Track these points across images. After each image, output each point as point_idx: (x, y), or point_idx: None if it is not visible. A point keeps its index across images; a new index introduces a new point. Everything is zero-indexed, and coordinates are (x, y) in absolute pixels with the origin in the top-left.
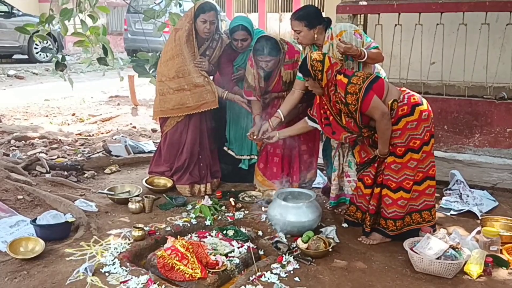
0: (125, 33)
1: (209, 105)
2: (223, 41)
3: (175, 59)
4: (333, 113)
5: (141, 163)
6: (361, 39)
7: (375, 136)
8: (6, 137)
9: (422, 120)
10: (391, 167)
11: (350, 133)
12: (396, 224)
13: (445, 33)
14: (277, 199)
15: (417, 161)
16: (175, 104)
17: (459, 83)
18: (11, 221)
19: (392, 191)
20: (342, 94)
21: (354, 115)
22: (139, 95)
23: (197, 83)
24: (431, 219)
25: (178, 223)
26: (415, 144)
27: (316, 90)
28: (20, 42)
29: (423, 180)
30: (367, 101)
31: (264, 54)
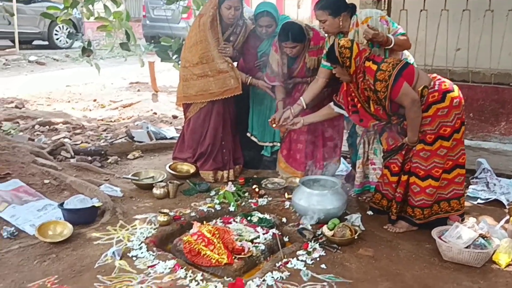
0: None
1: (232, 91)
2: (247, 26)
3: (198, 45)
4: (361, 101)
5: (164, 149)
6: (387, 25)
7: (404, 124)
8: (31, 122)
9: (453, 107)
10: (420, 155)
11: (378, 121)
12: (423, 213)
13: (471, 19)
14: (301, 186)
15: (447, 149)
16: (198, 90)
17: (484, 70)
18: (39, 204)
19: (420, 179)
20: (371, 81)
21: (383, 102)
22: (159, 81)
23: (220, 69)
24: (460, 208)
25: (202, 208)
26: (445, 132)
27: (344, 78)
28: (40, 28)
29: (453, 168)
30: (397, 88)
31: (289, 40)
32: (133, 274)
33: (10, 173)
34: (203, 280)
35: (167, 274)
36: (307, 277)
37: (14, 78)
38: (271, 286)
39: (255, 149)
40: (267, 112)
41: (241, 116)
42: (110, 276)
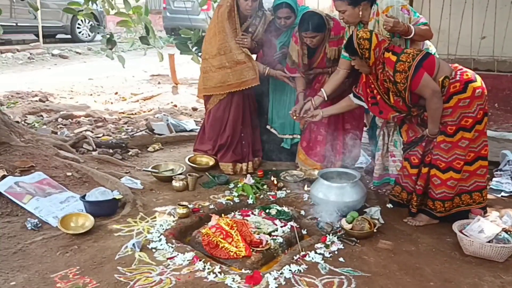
0: (164, 12)
1: (250, 83)
2: (267, 17)
3: (217, 36)
4: (380, 92)
5: (183, 142)
6: (408, 14)
7: (424, 115)
8: (54, 116)
9: (475, 97)
10: (440, 146)
11: (398, 112)
12: (444, 205)
13: (497, 6)
14: (320, 179)
15: (468, 140)
16: (217, 82)
17: (511, 59)
18: (62, 197)
19: (441, 171)
20: (390, 72)
21: (403, 94)
22: (180, 73)
23: (238, 60)
24: (482, 200)
25: (221, 201)
26: (467, 123)
27: (363, 69)
28: (63, 22)
29: (475, 160)
30: (417, 79)
31: (310, 30)
32: (152, 265)
33: (34, 166)
34: (221, 272)
35: (185, 266)
36: (324, 270)
37: (38, 72)
38: (289, 279)
39: (275, 142)
40: (287, 104)
41: (261, 108)
42: (130, 268)
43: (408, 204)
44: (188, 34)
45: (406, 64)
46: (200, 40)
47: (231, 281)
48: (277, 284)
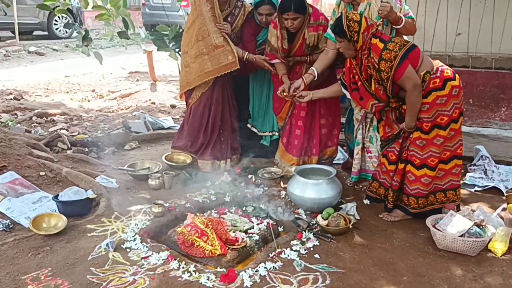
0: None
1: (229, 67)
2: (246, 8)
3: (195, 22)
4: (362, 79)
5: (161, 139)
6: (400, 4)
7: (402, 108)
8: (28, 114)
9: (453, 96)
10: (416, 143)
11: (377, 101)
12: (418, 202)
13: (472, 3)
14: (296, 176)
15: (443, 138)
16: (196, 72)
17: (485, 55)
18: (34, 197)
19: (415, 167)
20: (375, 59)
21: (385, 83)
22: (158, 70)
23: (216, 44)
24: (456, 198)
25: (197, 199)
26: (442, 121)
27: (348, 53)
28: (40, 19)
29: (451, 159)
30: (401, 70)
31: (292, 11)
32: (126, 265)
33: (6, 166)
34: (196, 271)
35: (160, 265)
36: (300, 267)
37: (14, 69)
38: (264, 276)
39: (254, 139)
40: (267, 101)
41: (239, 106)
42: (103, 268)
43: (385, 199)
44: (165, 30)
45: (392, 54)
46: (177, 35)
47: (205, 280)
48: (252, 282)
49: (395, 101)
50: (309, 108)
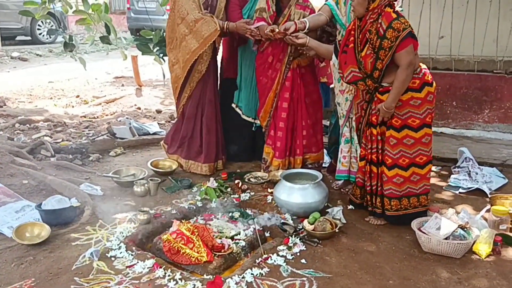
0: (128, 12)
1: (213, 35)
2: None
3: (174, 9)
4: (357, 41)
5: (146, 145)
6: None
7: (375, 95)
8: (11, 121)
9: (427, 101)
10: (389, 141)
11: (358, 70)
12: (391, 203)
13: (454, 6)
14: (282, 181)
15: (415, 140)
16: (184, 57)
17: (468, 58)
18: (17, 206)
19: (387, 167)
20: (384, 25)
21: (382, 52)
22: (143, 75)
23: (196, 18)
24: (427, 203)
25: (183, 205)
26: (414, 123)
27: (359, 9)
28: (22, 24)
29: (426, 164)
30: (405, 43)
31: None
32: (111, 275)
33: None
34: (182, 279)
35: (145, 274)
36: (286, 273)
37: None
38: (251, 283)
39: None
40: (253, 84)
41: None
42: (88, 278)
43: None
44: (150, 35)
45: (402, 26)
46: (161, 40)
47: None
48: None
49: (372, 82)
50: (290, 109)
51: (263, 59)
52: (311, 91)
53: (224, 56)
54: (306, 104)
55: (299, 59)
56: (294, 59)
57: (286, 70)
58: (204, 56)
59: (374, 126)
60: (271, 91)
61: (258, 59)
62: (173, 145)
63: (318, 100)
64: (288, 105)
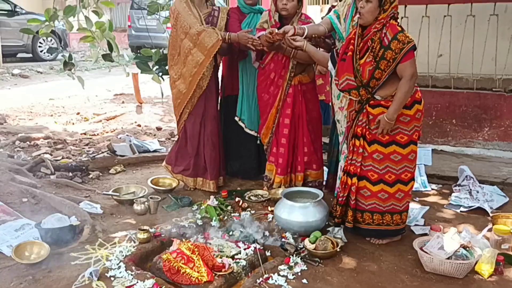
0: (129, 30)
1: (216, 45)
2: (223, 9)
3: (176, 26)
4: (356, 49)
5: (146, 163)
6: None
7: (365, 107)
8: (11, 138)
9: (415, 118)
10: (373, 156)
11: (353, 79)
12: (373, 217)
13: (452, 25)
14: (283, 199)
15: (402, 156)
16: (191, 70)
17: (467, 76)
18: (16, 224)
19: (371, 183)
20: (389, 36)
21: (386, 62)
22: (144, 92)
23: (198, 31)
24: (405, 221)
25: (183, 224)
26: (402, 139)
27: (367, 17)
28: (24, 41)
29: (410, 180)
30: (410, 55)
31: None
32: None
33: None
34: None
35: None
36: None
37: None
38: None
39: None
40: (255, 98)
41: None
42: None
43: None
44: (149, 53)
45: (407, 39)
46: (161, 59)
47: None
48: None
49: (366, 92)
50: (292, 126)
51: (265, 75)
52: (311, 108)
53: (224, 74)
54: (307, 121)
55: (300, 76)
56: (296, 76)
57: (288, 87)
58: (205, 71)
59: (358, 137)
60: (273, 107)
61: (260, 75)
62: (177, 164)
63: (318, 117)
64: (290, 121)
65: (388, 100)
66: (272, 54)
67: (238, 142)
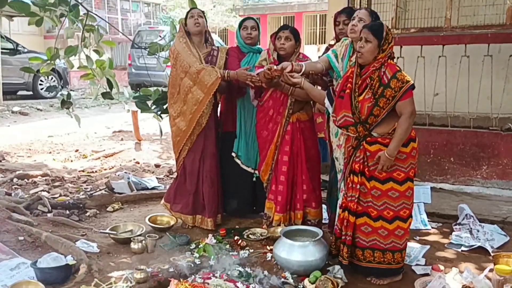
0: (129, 68)
1: (216, 83)
2: (222, 49)
3: (176, 65)
4: (355, 87)
5: (144, 200)
6: None
7: (362, 143)
8: (9, 175)
9: (411, 156)
10: (371, 193)
11: (351, 116)
12: (374, 255)
13: (447, 65)
14: (282, 238)
15: (399, 193)
16: (191, 108)
17: (463, 114)
18: (12, 263)
19: (372, 219)
20: (388, 74)
21: (385, 100)
22: (143, 129)
23: (198, 69)
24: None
25: (181, 263)
26: (399, 176)
27: (367, 56)
28: (25, 79)
29: (408, 217)
30: (409, 94)
31: (288, 30)
32: None
33: None
34: None
35: None
36: None
37: None
38: None
39: (242, 194)
40: (252, 135)
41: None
42: None
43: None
44: (148, 92)
45: (406, 78)
46: (160, 98)
47: None
48: None
49: (363, 129)
50: (290, 163)
51: (264, 112)
52: (310, 146)
53: (222, 110)
54: (306, 158)
55: (298, 114)
56: (294, 114)
57: (286, 124)
58: (205, 109)
59: (356, 174)
60: (272, 144)
61: (259, 113)
62: (176, 202)
63: (317, 155)
64: (288, 158)
65: (385, 137)
66: (271, 92)
67: (235, 178)
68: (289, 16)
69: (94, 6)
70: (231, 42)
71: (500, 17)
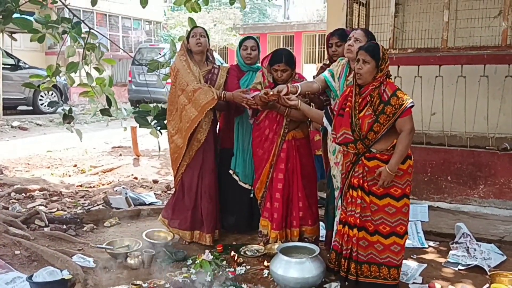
0: (130, 84)
1: (211, 103)
2: (223, 68)
3: (175, 83)
4: (355, 105)
5: (142, 216)
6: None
7: (361, 159)
8: (7, 190)
9: (407, 173)
10: (370, 207)
11: (350, 133)
12: (370, 269)
13: (444, 85)
14: (279, 254)
15: (396, 209)
16: (184, 125)
17: (460, 134)
18: (7, 277)
19: (369, 233)
20: (388, 92)
21: (386, 117)
22: (141, 145)
23: (194, 88)
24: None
25: (178, 279)
26: (396, 192)
27: (366, 77)
28: (25, 94)
29: (405, 234)
30: (408, 111)
31: (283, 62)
32: None
33: None
34: None
35: None
36: None
37: None
38: None
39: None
40: (250, 152)
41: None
42: None
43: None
44: (148, 108)
45: (405, 96)
46: (159, 114)
47: None
48: None
49: (363, 146)
50: (286, 180)
51: (259, 131)
52: (305, 163)
53: (221, 127)
54: (302, 175)
55: (294, 132)
56: (289, 132)
57: (282, 142)
58: (203, 125)
59: (355, 188)
60: (267, 163)
61: (255, 131)
62: (174, 218)
63: (312, 172)
64: (283, 176)
65: (383, 153)
66: (267, 112)
67: (233, 195)
68: (289, 36)
69: (96, 24)
70: (231, 60)
71: (495, 39)
